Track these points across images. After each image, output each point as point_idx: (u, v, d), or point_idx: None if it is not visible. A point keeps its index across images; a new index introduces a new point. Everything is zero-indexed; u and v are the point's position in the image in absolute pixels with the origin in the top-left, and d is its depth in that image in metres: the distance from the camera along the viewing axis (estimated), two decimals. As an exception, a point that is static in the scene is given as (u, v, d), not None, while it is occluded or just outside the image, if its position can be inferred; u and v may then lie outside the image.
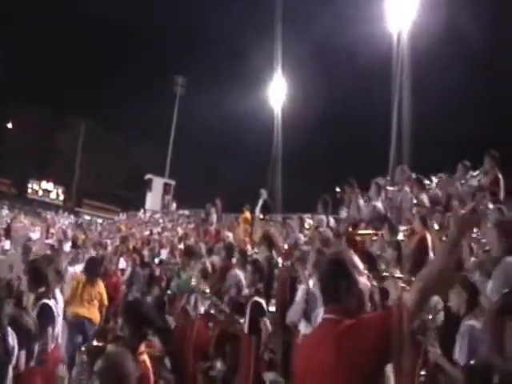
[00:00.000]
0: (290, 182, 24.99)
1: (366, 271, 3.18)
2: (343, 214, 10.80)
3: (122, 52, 46.46)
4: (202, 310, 8.14)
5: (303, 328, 6.54)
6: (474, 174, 9.43)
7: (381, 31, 20.57)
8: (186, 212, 25.73)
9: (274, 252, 10.23)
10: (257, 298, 7.08)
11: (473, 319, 4.91)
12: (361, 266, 3.09)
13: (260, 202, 17.14)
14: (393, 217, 9.18)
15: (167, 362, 9.10)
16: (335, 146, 22.90)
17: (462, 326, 4.91)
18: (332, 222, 10.16)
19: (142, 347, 4.56)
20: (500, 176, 8.94)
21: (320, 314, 4.72)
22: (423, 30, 18.85)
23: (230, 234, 14.58)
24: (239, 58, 26.80)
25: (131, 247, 16.47)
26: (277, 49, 27.56)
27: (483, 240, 6.42)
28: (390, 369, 4.54)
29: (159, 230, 21.11)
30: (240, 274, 8.57)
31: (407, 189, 9.84)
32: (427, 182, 10.36)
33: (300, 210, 16.16)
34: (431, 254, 7.37)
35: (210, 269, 8.57)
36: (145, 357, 4.50)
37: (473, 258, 6.44)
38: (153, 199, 32.46)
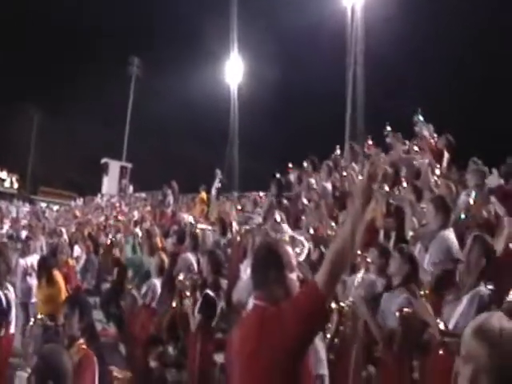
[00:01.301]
0: (246, 162, 24.99)
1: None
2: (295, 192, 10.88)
3: (76, 33, 45.41)
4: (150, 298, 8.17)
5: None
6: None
7: (335, 6, 20.60)
8: (143, 195, 25.54)
9: (228, 233, 10.30)
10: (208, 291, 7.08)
11: (405, 293, 5.01)
12: (294, 262, 3.10)
13: (215, 182, 17.15)
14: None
15: (122, 349, 9.13)
16: (291, 125, 22.94)
17: (397, 298, 5.00)
18: (285, 201, 10.21)
19: (83, 337, 4.55)
20: (446, 155, 9.18)
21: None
22: (377, 3, 18.93)
23: (186, 216, 14.54)
24: (195, 37, 26.52)
25: (86, 234, 16.28)
26: (232, 28, 27.33)
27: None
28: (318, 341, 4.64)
29: (115, 214, 20.90)
30: (191, 257, 8.57)
31: (355, 166, 9.96)
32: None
33: (256, 188, 16.23)
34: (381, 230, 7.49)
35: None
36: (84, 346, 4.50)
37: (411, 232, 6.57)
38: (109, 183, 32.08)
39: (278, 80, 23.52)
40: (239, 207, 12.74)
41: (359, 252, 6.32)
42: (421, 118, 10.34)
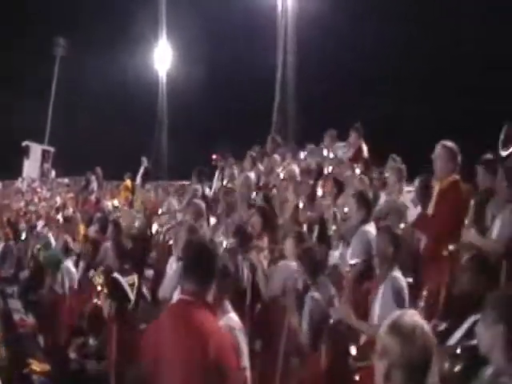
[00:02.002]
0: (175, 148, 24.73)
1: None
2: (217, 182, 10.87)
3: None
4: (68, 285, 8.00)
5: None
6: (341, 144, 9.79)
7: (267, 4, 20.61)
8: (66, 180, 24.86)
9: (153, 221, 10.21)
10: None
11: (315, 291, 5.14)
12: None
13: (141, 170, 16.95)
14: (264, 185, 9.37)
15: (41, 340, 8.89)
16: (220, 112, 22.83)
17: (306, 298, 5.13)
18: (208, 190, 10.19)
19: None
20: (364, 148, 9.36)
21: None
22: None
23: (110, 203, 14.31)
24: (123, 20, 25.86)
25: (5, 220, 15.73)
26: (161, 12, 26.89)
27: (345, 209, 6.70)
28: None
29: (36, 200, 20.27)
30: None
31: (276, 157, 10.06)
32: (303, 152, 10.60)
33: (185, 176, 16.12)
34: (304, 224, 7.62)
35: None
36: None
37: (334, 227, 6.72)
38: (31, 167, 31.00)
39: (206, 65, 23.32)
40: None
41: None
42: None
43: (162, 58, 28.03)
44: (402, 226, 6.05)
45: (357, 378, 4.28)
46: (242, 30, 20.59)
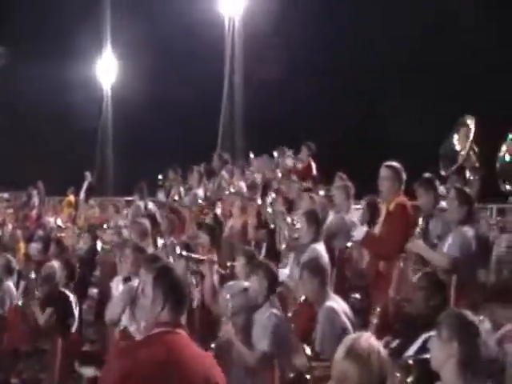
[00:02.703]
0: (120, 163, 24.36)
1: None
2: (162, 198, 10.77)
3: None
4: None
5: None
6: (290, 153, 9.96)
7: (214, 15, 20.67)
8: (6, 195, 24.05)
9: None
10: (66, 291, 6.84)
11: (272, 308, 5.11)
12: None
13: (85, 185, 16.62)
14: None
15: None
16: (166, 128, 22.63)
17: (263, 315, 5.07)
18: (151, 204, 10.01)
19: None
20: (313, 165, 9.51)
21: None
22: (256, 14, 19.20)
23: (52, 219, 13.92)
24: (67, 32, 25.38)
25: None
26: (105, 27, 26.57)
27: (297, 226, 6.73)
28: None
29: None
30: (56, 265, 8.19)
31: (224, 174, 10.07)
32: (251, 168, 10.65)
33: (131, 192, 15.85)
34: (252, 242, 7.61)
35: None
36: None
37: (283, 245, 6.74)
38: (-32, 181, 29.94)
39: (153, 82, 23.13)
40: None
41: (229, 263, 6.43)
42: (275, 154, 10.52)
43: (107, 69, 27.68)
44: (349, 244, 6.15)
45: (308, 376, 4.33)
46: (190, 48, 20.54)
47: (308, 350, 4.47)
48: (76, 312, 7.07)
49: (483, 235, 6.02)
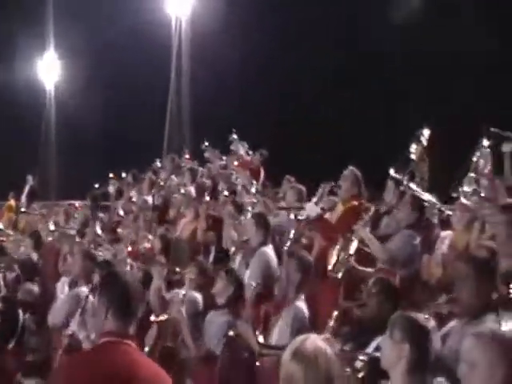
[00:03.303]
0: (64, 167, 23.78)
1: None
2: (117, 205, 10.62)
3: None
4: None
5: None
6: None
7: (161, 15, 20.50)
8: None
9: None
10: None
11: (228, 315, 5.07)
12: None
13: (26, 189, 16.15)
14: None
15: None
16: (112, 131, 22.22)
17: (220, 320, 5.05)
18: (101, 214, 9.90)
19: None
20: (262, 172, 9.59)
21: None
22: (203, 15, 19.11)
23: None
24: (8, 32, 24.63)
25: None
26: (48, 25, 25.90)
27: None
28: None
29: None
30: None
31: (174, 178, 10.02)
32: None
33: (76, 196, 15.48)
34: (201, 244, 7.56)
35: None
36: None
37: (233, 248, 6.71)
38: None
39: (97, 84, 22.74)
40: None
41: (178, 269, 6.34)
42: (235, 136, 10.68)
43: (49, 69, 26.99)
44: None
45: (258, 363, 4.34)
46: (136, 50, 20.27)
47: (261, 338, 4.50)
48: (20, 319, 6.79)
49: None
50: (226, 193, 8.57)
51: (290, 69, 14.54)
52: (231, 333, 4.62)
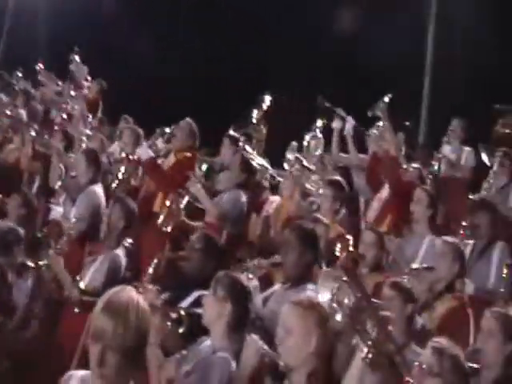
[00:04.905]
0: None
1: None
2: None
3: None
4: None
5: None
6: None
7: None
8: None
9: None
10: None
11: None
12: None
13: None
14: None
15: None
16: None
17: None
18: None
19: None
20: (100, 104, 9.05)
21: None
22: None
23: None
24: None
25: None
26: None
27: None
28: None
29: None
30: None
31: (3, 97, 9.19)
32: None
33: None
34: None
35: None
36: None
37: (58, 182, 6.40)
38: None
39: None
40: None
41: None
42: (77, 57, 9.87)
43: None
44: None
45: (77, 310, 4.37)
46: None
47: (82, 284, 4.46)
48: None
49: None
50: (58, 120, 8.05)
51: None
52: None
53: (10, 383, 4.11)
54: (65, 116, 8.07)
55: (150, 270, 3.91)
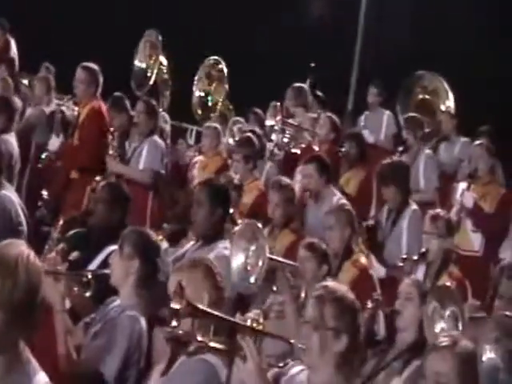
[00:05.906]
0: None
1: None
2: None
3: None
4: None
5: None
6: None
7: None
8: None
9: None
10: None
11: None
12: None
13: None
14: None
15: None
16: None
17: None
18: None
19: None
20: (13, 46, 8.34)
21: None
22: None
23: None
24: None
25: None
26: None
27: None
28: None
29: None
30: None
31: None
32: None
33: None
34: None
35: None
36: None
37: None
38: None
39: None
40: None
41: None
42: None
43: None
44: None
45: None
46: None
47: None
48: None
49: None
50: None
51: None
52: None
53: None
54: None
55: (55, 233, 3.74)
